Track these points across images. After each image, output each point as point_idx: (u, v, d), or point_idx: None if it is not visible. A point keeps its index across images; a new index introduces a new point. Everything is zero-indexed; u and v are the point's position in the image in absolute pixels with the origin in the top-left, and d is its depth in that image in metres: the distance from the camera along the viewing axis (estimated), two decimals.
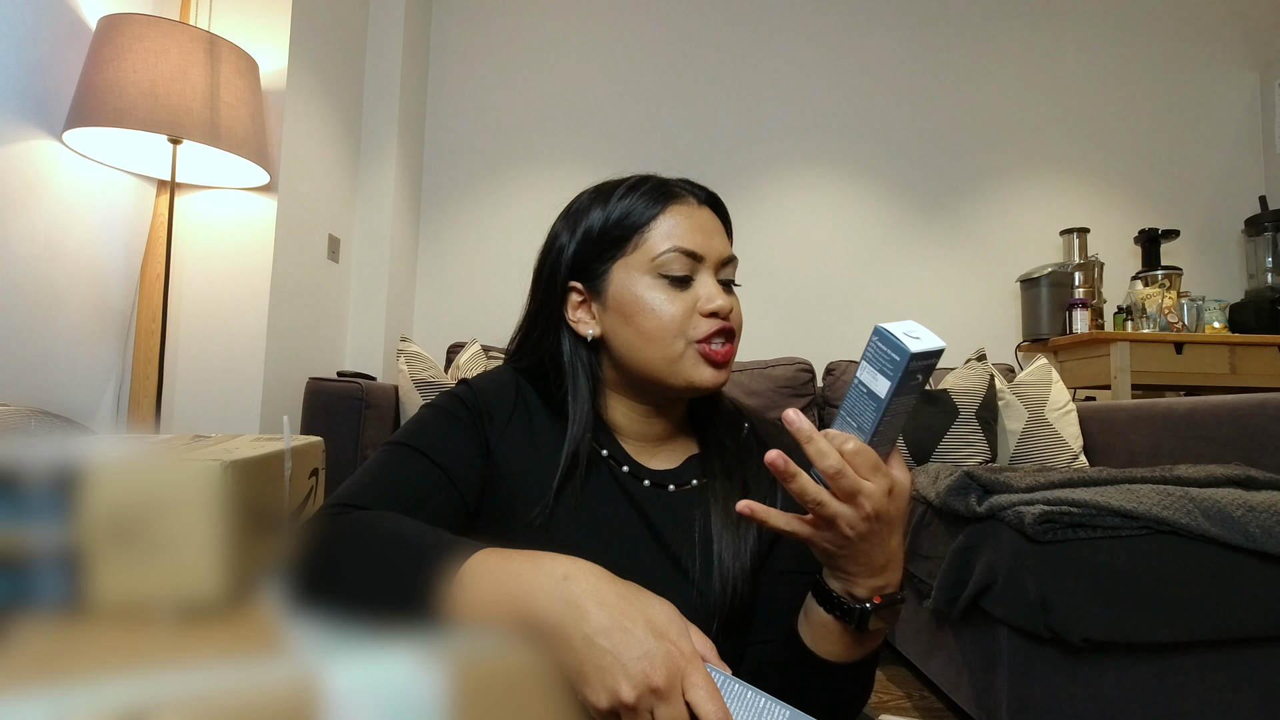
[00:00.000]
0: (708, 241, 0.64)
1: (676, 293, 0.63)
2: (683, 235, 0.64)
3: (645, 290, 0.63)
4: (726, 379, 0.64)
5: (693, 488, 0.68)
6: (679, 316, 0.62)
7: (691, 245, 0.63)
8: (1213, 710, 1.18)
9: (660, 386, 0.65)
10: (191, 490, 0.41)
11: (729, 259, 0.66)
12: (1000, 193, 3.03)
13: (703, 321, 0.63)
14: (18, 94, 1.33)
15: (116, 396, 1.64)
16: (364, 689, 0.33)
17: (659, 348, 0.63)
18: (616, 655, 0.38)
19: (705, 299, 0.63)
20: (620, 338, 0.65)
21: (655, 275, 0.63)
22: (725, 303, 0.63)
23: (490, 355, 2.28)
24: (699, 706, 0.39)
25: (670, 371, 0.63)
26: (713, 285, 0.64)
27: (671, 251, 0.63)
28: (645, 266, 0.64)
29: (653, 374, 0.64)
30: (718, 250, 0.65)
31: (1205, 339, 2.56)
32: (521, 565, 0.43)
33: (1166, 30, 3.14)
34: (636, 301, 0.63)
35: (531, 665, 0.40)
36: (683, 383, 0.63)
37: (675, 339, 0.62)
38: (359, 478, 0.58)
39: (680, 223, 0.64)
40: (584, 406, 0.66)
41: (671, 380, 0.63)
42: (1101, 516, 1.16)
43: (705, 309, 0.62)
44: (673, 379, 0.63)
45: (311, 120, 2.05)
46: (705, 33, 2.97)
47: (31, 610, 0.39)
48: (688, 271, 0.63)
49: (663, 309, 0.63)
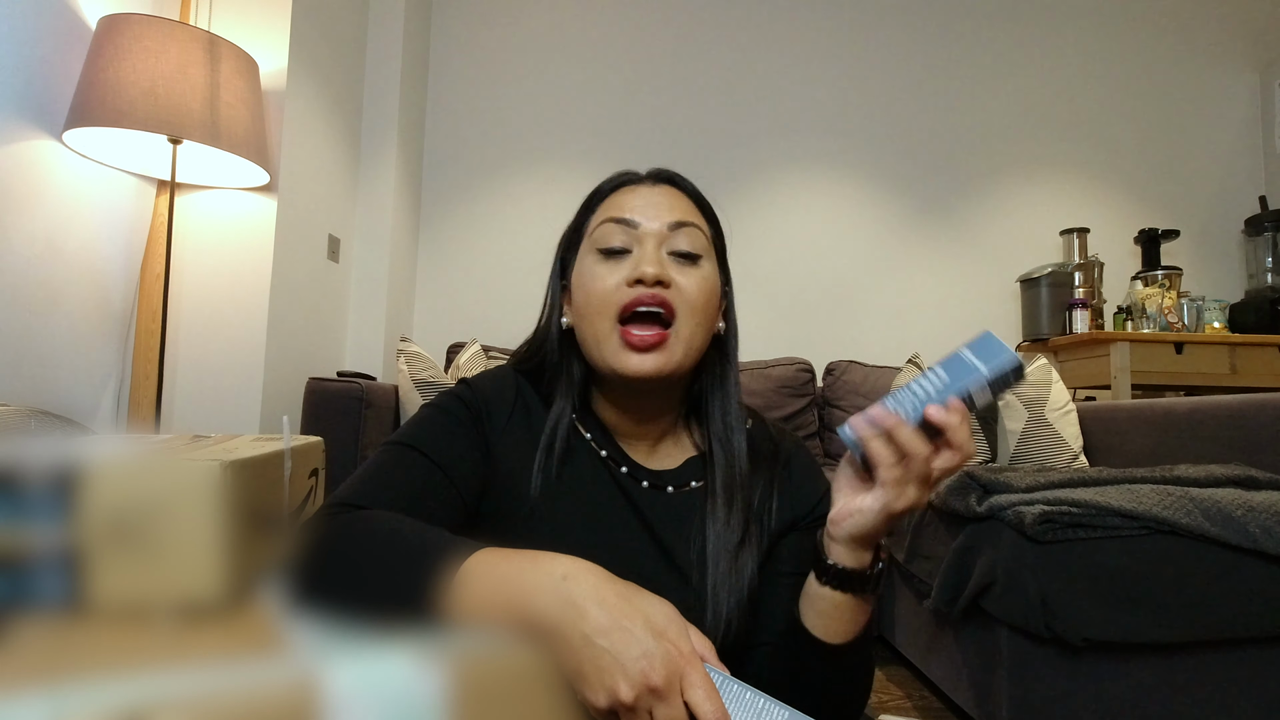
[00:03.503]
0: (647, 210, 0.63)
1: (612, 265, 0.62)
2: (619, 207, 0.64)
3: (587, 267, 0.64)
4: (660, 368, 0.60)
5: (692, 490, 0.68)
6: (608, 288, 0.61)
7: (622, 213, 0.63)
8: (1213, 710, 1.18)
9: (603, 371, 0.64)
10: (191, 490, 0.41)
11: (679, 224, 0.63)
12: (1000, 193, 3.03)
13: (628, 291, 0.60)
14: (18, 94, 1.33)
15: (116, 396, 1.64)
16: (364, 689, 0.33)
17: (590, 325, 0.62)
18: (615, 655, 0.38)
19: (633, 266, 0.61)
20: (575, 322, 0.66)
21: (594, 252, 0.64)
22: (653, 269, 0.59)
23: (490, 355, 2.28)
24: (697, 706, 0.38)
25: (600, 355, 0.62)
26: (648, 251, 0.61)
27: (605, 223, 0.63)
28: (587, 245, 0.65)
29: (593, 358, 0.64)
30: (661, 219, 0.63)
31: (1205, 339, 2.56)
32: (521, 565, 0.43)
33: (1166, 30, 3.14)
34: (580, 279, 0.64)
35: (531, 665, 0.40)
36: (609, 368, 0.61)
37: (600, 315, 0.61)
38: (358, 477, 0.58)
39: (621, 199, 0.65)
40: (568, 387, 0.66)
41: (602, 364, 0.62)
42: (1101, 516, 1.16)
43: (631, 276, 0.60)
44: (602, 363, 0.62)
45: (311, 120, 2.05)
46: (705, 33, 2.97)
47: (31, 610, 0.39)
48: (624, 243, 0.62)
49: (593, 283, 0.62)
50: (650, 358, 0.60)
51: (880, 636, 1.86)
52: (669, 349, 0.61)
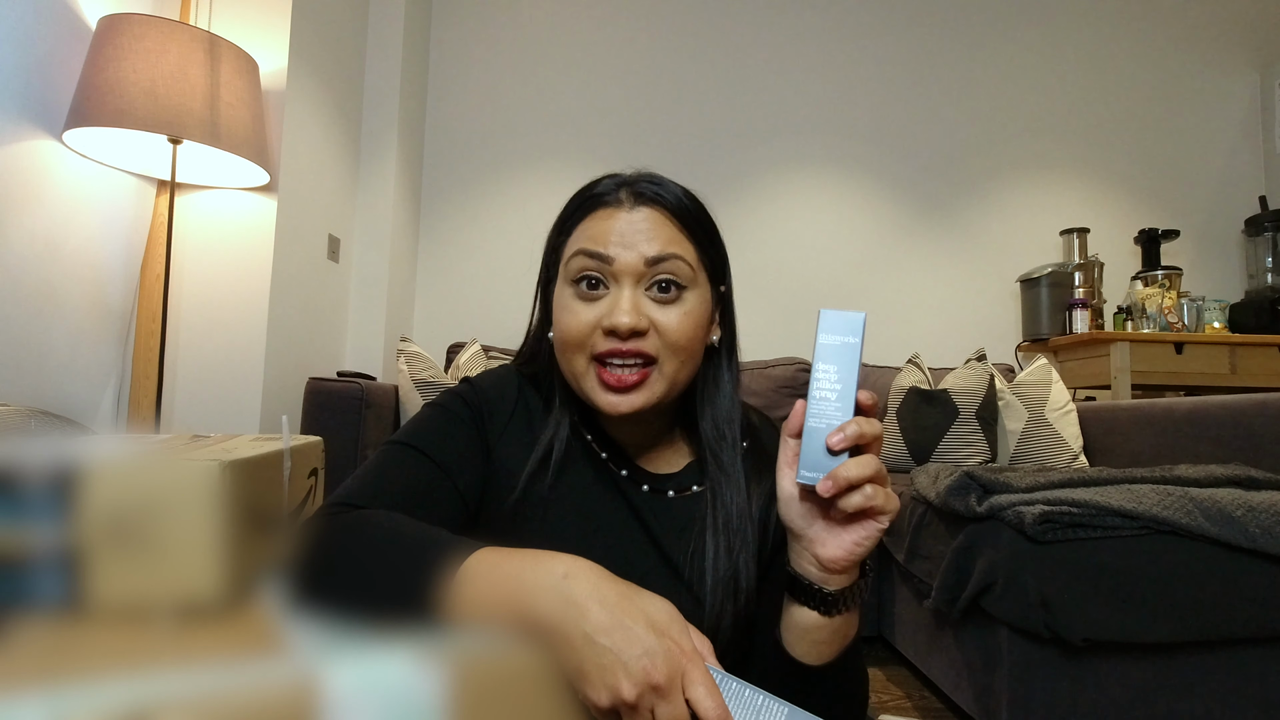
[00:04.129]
0: (623, 241, 0.59)
1: (584, 304, 0.59)
2: (591, 238, 0.60)
3: (563, 300, 0.61)
4: (641, 405, 0.58)
5: (694, 494, 0.67)
6: (581, 328, 0.59)
7: (595, 246, 0.59)
8: (1213, 710, 1.18)
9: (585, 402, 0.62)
10: (191, 490, 0.41)
11: (658, 258, 0.58)
12: (1000, 193, 3.03)
13: (601, 339, 0.58)
14: (18, 94, 1.33)
15: (116, 396, 1.64)
16: (364, 689, 0.33)
17: (566, 360, 0.61)
18: (617, 653, 0.38)
19: (607, 313, 0.58)
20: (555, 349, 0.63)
21: (569, 283, 0.61)
22: (628, 319, 0.56)
23: (490, 355, 2.28)
24: (699, 704, 0.38)
25: (579, 389, 0.61)
26: (624, 297, 0.58)
27: (576, 255, 0.60)
28: (563, 275, 0.62)
29: (572, 388, 0.62)
30: (639, 250, 0.58)
31: (1205, 339, 2.56)
32: (521, 564, 0.43)
33: (1166, 30, 3.14)
34: (556, 309, 0.62)
35: (531, 665, 0.40)
36: (589, 402, 0.60)
37: (575, 354, 0.59)
38: (359, 477, 0.58)
39: (595, 227, 0.61)
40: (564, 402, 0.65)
41: (582, 397, 0.61)
42: (1101, 516, 1.16)
43: (605, 325, 0.58)
44: (582, 396, 0.61)
45: (311, 120, 2.05)
46: (705, 33, 2.97)
47: (31, 610, 0.39)
48: (599, 276, 0.59)
49: (567, 320, 0.60)
50: (628, 398, 0.58)
51: (880, 636, 1.86)
52: (649, 387, 0.59)
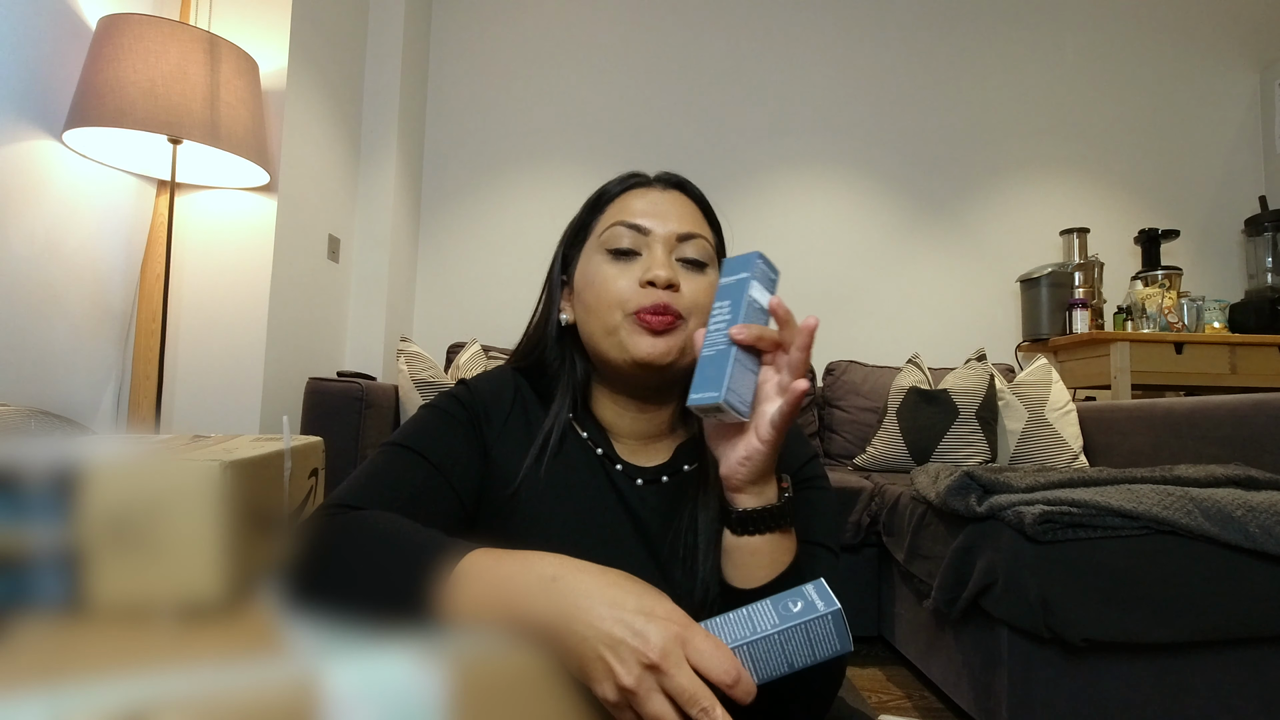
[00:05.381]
0: (657, 216, 0.64)
1: (622, 266, 0.63)
2: (629, 211, 0.65)
3: (595, 267, 0.65)
4: (669, 353, 0.61)
5: (685, 474, 0.68)
6: (620, 289, 0.62)
7: (634, 218, 0.64)
8: (1213, 710, 1.18)
9: (611, 366, 0.64)
10: (191, 490, 0.41)
11: (687, 235, 0.64)
12: (1000, 193, 3.03)
13: (640, 293, 0.62)
14: (18, 94, 1.33)
15: (116, 396, 1.64)
16: (363, 689, 0.33)
17: (599, 319, 0.63)
18: (609, 644, 0.39)
19: (645, 269, 0.62)
20: (579, 316, 0.66)
21: (603, 251, 0.65)
22: (665, 273, 0.61)
23: (490, 355, 2.28)
24: (706, 665, 0.39)
25: (610, 343, 0.63)
26: (661, 258, 0.63)
27: (615, 225, 0.64)
28: (596, 244, 0.66)
29: (599, 350, 0.64)
30: (670, 226, 0.64)
31: (1205, 339, 2.56)
32: (512, 568, 0.43)
33: (1166, 30, 3.14)
34: (586, 277, 0.65)
35: (530, 665, 0.40)
36: (621, 355, 0.62)
37: (613, 309, 0.62)
38: (356, 478, 0.58)
39: (632, 202, 0.66)
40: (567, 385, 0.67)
41: (613, 353, 0.63)
42: (1101, 516, 1.16)
43: (643, 279, 0.62)
44: (613, 351, 0.63)
45: (311, 120, 2.05)
46: (705, 34, 2.97)
47: (31, 610, 0.39)
48: (634, 245, 0.64)
49: (604, 282, 0.63)
50: (662, 341, 0.61)
51: (880, 636, 1.86)
52: (677, 335, 0.62)
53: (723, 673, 0.39)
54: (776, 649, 0.43)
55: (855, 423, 2.49)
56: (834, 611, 0.43)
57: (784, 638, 0.43)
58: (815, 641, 0.43)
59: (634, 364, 0.62)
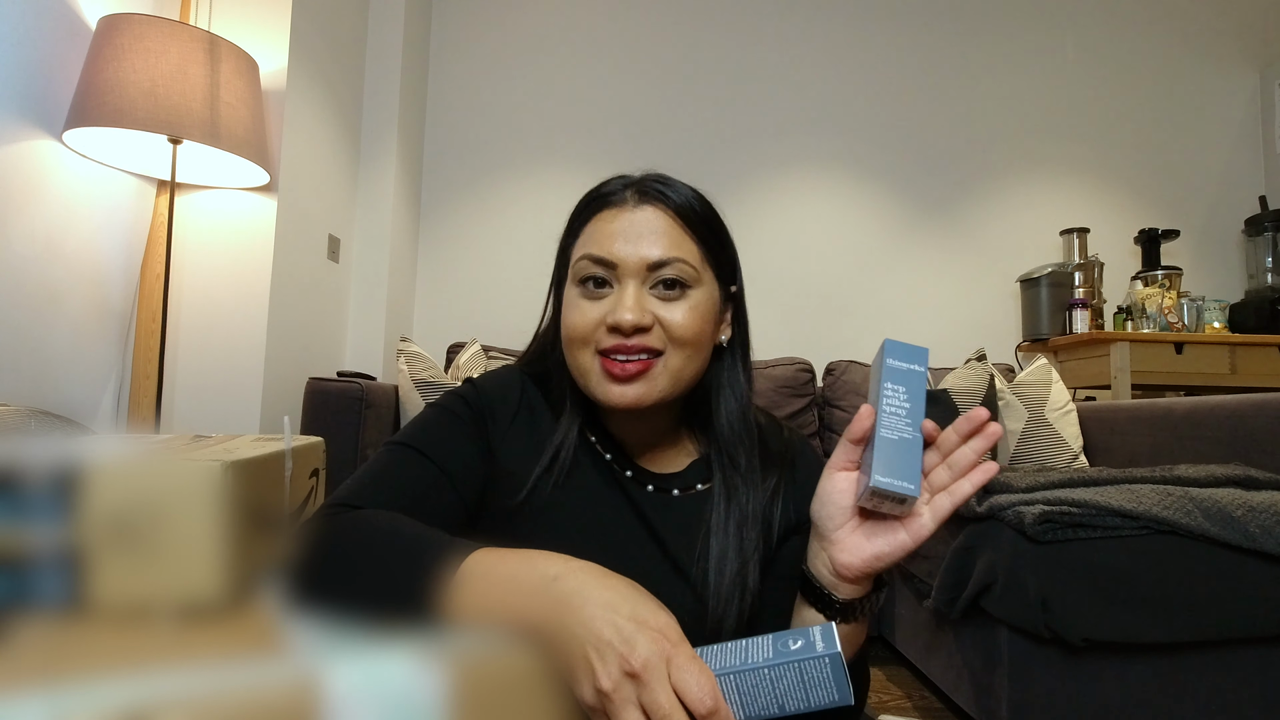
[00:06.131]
0: (625, 246, 0.60)
1: (590, 302, 0.61)
2: (596, 241, 0.62)
3: (570, 298, 0.63)
4: (644, 397, 0.59)
5: (698, 492, 0.67)
6: (585, 326, 0.60)
7: (600, 251, 0.61)
8: (1213, 710, 1.18)
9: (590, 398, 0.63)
10: (191, 490, 0.41)
11: (660, 263, 0.60)
12: (1000, 193, 3.03)
13: (606, 335, 0.60)
14: (18, 94, 1.33)
15: (116, 396, 1.64)
16: (363, 689, 0.33)
17: (572, 355, 0.62)
18: (596, 646, 0.38)
19: (611, 310, 0.60)
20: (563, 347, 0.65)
21: (576, 283, 0.63)
22: (631, 316, 0.58)
23: (490, 355, 2.28)
24: (686, 688, 0.37)
25: (585, 385, 0.62)
26: (628, 295, 0.59)
27: (582, 259, 0.62)
28: (570, 275, 0.64)
29: (578, 384, 0.63)
30: (642, 253, 0.60)
31: (1205, 339, 2.56)
32: (515, 566, 0.43)
33: (1166, 30, 3.14)
34: (564, 310, 0.63)
35: (530, 665, 0.40)
36: (593, 397, 0.61)
37: (581, 350, 0.61)
38: (358, 478, 0.58)
39: (600, 229, 0.62)
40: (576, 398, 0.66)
41: (587, 393, 0.62)
42: (1101, 516, 1.16)
43: (609, 321, 0.59)
44: (587, 392, 0.62)
45: (311, 120, 2.05)
46: (705, 33, 2.97)
47: (31, 610, 0.39)
48: (604, 277, 0.61)
49: (574, 318, 0.61)
50: (631, 389, 0.59)
51: (880, 636, 1.86)
52: (652, 379, 0.60)
53: (698, 698, 0.37)
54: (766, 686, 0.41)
55: None
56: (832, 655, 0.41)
57: (775, 675, 0.41)
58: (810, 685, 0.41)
59: (602, 404, 0.61)
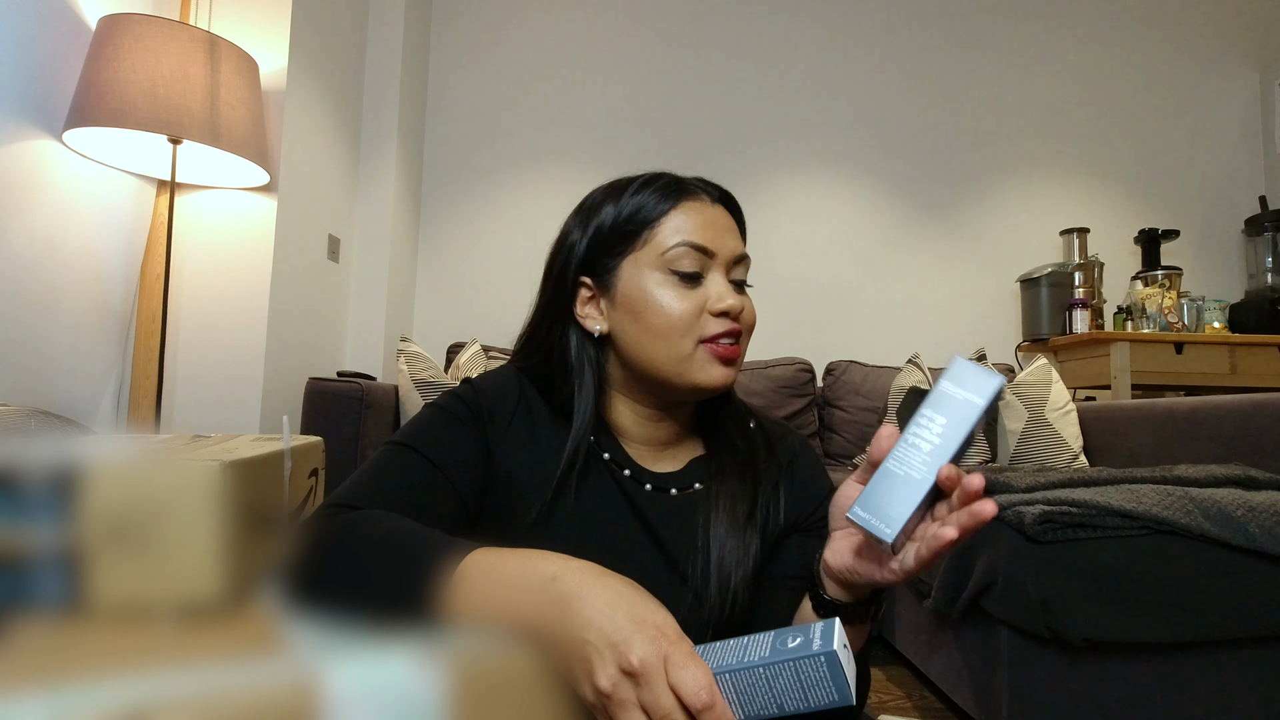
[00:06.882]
0: (719, 238, 0.63)
1: (686, 290, 0.62)
2: (694, 230, 0.62)
3: (654, 286, 0.62)
4: (735, 378, 0.63)
5: (696, 491, 0.67)
6: (688, 314, 0.61)
7: (702, 240, 0.62)
8: (1213, 710, 1.18)
9: (666, 387, 0.63)
10: (191, 490, 0.41)
11: (741, 258, 0.65)
12: (1000, 193, 3.03)
13: (712, 321, 0.61)
14: (18, 94, 1.33)
15: (116, 396, 1.64)
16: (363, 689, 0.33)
17: (666, 345, 0.61)
18: (594, 645, 0.38)
19: (715, 298, 0.61)
20: (628, 335, 0.63)
21: (665, 271, 0.62)
22: (736, 302, 0.62)
23: (490, 355, 2.28)
24: (682, 685, 0.37)
25: (677, 371, 0.62)
26: (723, 284, 0.63)
27: (681, 246, 0.62)
28: (655, 262, 0.62)
29: (659, 373, 0.63)
30: (729, 248, 0.64)
31: (1205, 339, 2.56)
32: (513, 566, 0.43)
33: (1166, 30, 3.14)
34: (645, 298, 0.62)
35: (529, 665, 0.40)
36: (689, 383, 0.62)
37: (683, 337, 0.61)
38: (357, 478, 0.58)
39: (692, 218, 0.63)
40: (588, 403, 0.65)
41: (678, 380, 0.62)
42: (1101, 516, 1.16)
43: (715, 308, 0.61)
44: (679, 379, 0.62)
45: (311, 120, 2.05)
46: (705, 33, 2.97)
47: (31, 610, 0.39)
48: (698, 268, 0.62)
49: (672, 306, 0.61)
50: (731, 370, 0.63)
51: (880, 636, 1.86)
52: (740, 362, 0.64)
53: (693, 692, 0.37)
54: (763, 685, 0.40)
55: (855, 423, 2.49)
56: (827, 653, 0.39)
57: (771, 673, 0.40)
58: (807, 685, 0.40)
59: (697, 389, 0.62)
